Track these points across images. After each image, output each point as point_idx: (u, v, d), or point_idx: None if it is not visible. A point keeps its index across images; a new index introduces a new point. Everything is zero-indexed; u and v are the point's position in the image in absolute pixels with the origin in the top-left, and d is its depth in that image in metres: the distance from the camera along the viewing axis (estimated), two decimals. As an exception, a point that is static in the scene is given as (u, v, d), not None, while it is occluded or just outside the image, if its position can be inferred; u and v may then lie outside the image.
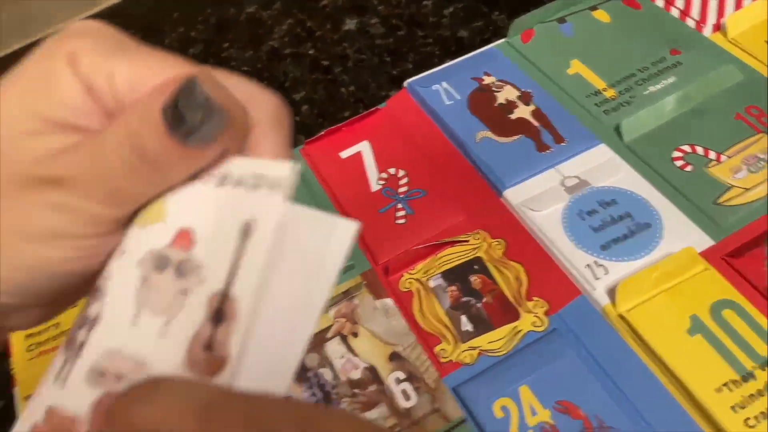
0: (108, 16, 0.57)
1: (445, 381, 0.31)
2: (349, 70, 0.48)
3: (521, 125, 0.39)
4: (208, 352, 0.14)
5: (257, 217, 0.15)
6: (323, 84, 0.47)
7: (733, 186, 0.34)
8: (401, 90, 0.43)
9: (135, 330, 0.15)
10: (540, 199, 0.36)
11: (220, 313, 0.14)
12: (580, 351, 0.31)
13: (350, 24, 0.51)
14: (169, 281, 0.15)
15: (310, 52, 0.50)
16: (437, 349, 0.32)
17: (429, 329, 0.33)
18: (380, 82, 0.46)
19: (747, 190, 0.34)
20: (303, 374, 0.32)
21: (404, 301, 0.34)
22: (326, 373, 0.32)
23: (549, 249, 0.34)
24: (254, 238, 0.14)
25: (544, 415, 0.29)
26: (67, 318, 0.36)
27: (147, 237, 0.16)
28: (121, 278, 0.16)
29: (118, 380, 0.14)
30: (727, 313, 0.30)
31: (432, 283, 0.34)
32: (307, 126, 0.45)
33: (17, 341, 0.36)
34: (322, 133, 0.41)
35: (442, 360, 0.32)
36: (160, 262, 0.15)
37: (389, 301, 0.34)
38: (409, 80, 0.43)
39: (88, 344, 0.15)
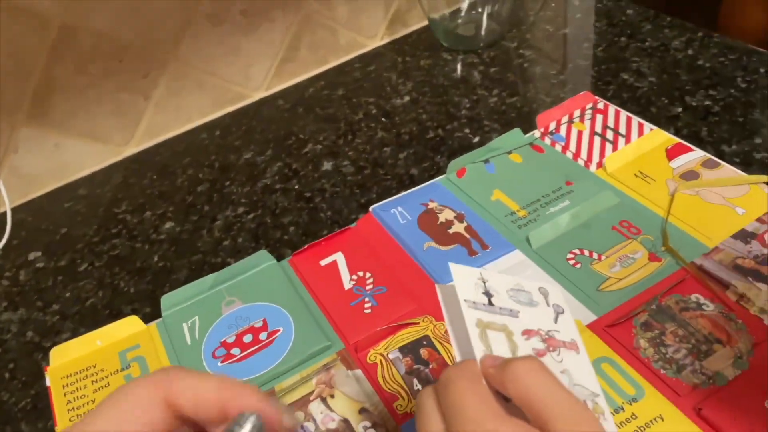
0: (130, 162, 0.71)
1: (403, 428, 0.41)
2: (327, 199, 0.61)
3: (457, 237, 0.52)
4: None
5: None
6: (306, 210, 0.60)
7: (610, 277, 0.47)
8: (367, 213, 0.56)
9: None
10: (470, 290, 0.47)
11: None
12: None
13: (327, 165, 0.65)
14: None
15: (296, 186, 0.63)
16: (395, 404, 0.42)
17: (389, 390, 0.43)
18: (351, 208, 0.59)
19: (620, 279, 0.47)
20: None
21: (370, 371, 0.44)
22: (310, 426, 0.42)
23: (478, 326, 0.45)
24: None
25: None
26: (99, 396, 0.45)
27: None
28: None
29: None
30: (605, 366, 0.41)
31: (391, 356, 0.45)
32: (293, 243, 0.57)
33: (60, 409, 0.45)
34: (305, 247, 0.54)
35: (399, 412, 0.42)
36: None
37: (359, 371, 0.45)
38: (373, 206, 0.57)
39: None
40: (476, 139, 0.64)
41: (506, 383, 0.27)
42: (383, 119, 0.70)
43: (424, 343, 0.45)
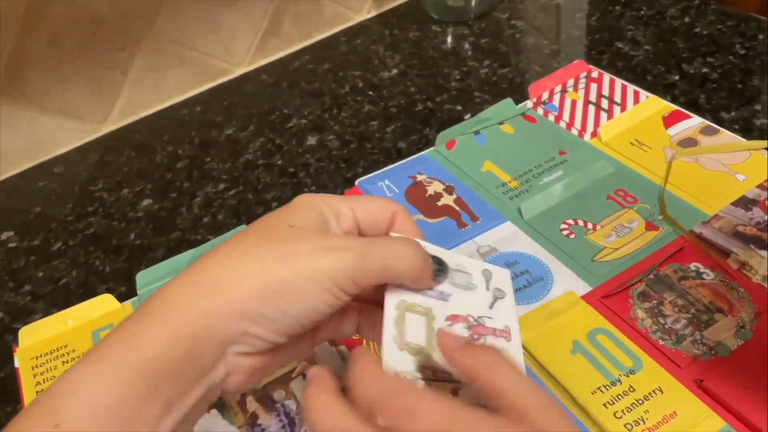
0: (107, 139, 0.68)
1: (389, 406, 0.39)
2: (311, 174, 0.58)
3: (446, 209, 0.50)
4: None
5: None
6: (290, 186, 0.58)
7: (605, 247, 0.45)
8: (353, 187, 0.54)
9: None
10: (460, 262, 0.45)
11: None
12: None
13: (312, 140, 0.63)
14: None
15: (279, 162, 0.61)
16: (382, 381, 0.40)
17: (375, 366, 0.41)
18: (336, 182, 0.57)
19: (616, 249, 0.45)
20: (272, 405, 0.40)
21: (355, 346, 0.42)
22: (291, 404, 0.40)
23: (468, 300, 0.43)
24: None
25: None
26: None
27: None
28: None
29: None
30: (600, 337, 0.39)
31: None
32: (277, 219, 0.54)
33: (28, 391, 0.42)
34: (289, 222, 0.51)
35: (386, 389, 0.40)
36: None
37: (343, 347, 0.42)
38: (360, 179, 0.54)
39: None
40: (467, 113, 0.62)
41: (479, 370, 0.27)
42: (370, 92, 0.68)
43: (412, 317, 0.43)
